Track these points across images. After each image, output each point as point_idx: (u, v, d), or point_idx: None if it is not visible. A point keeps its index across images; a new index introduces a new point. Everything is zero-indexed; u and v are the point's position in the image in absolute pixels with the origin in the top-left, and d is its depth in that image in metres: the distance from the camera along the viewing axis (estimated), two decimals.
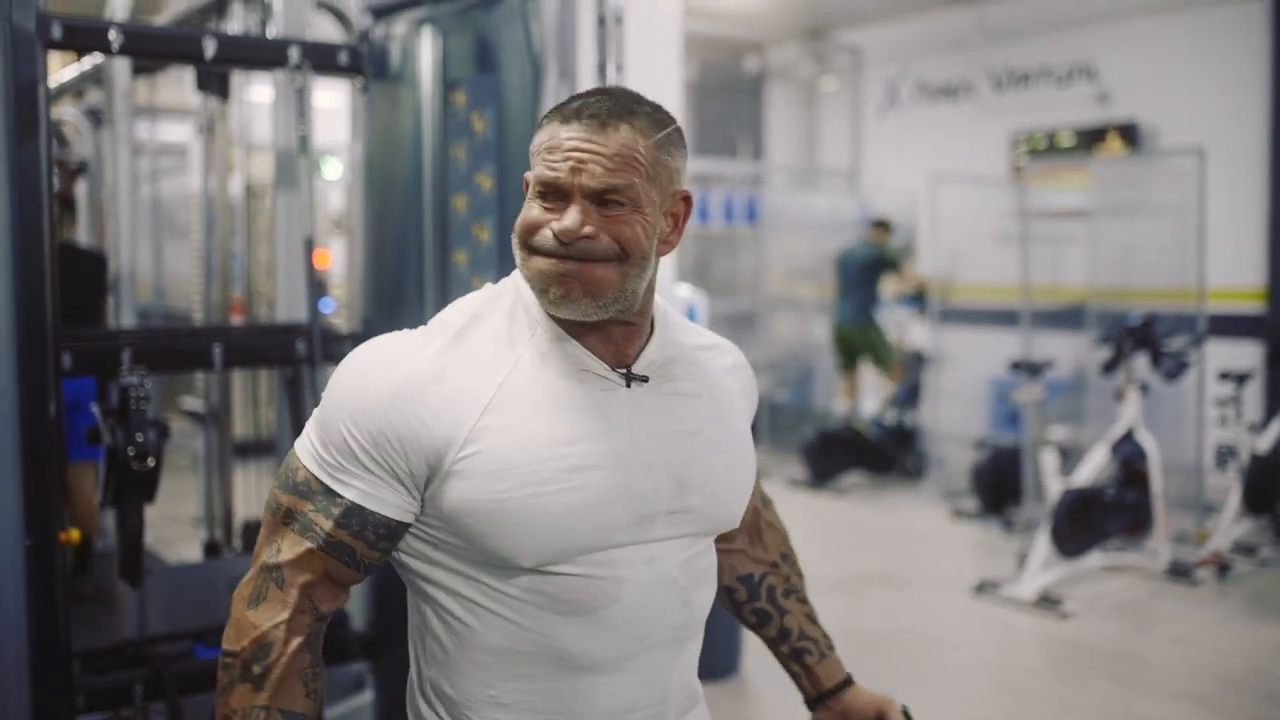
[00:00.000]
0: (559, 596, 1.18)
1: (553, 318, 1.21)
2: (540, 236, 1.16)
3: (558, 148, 1.16)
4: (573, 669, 1.20)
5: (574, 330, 1.21)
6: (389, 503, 1.18)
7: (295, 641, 1.19)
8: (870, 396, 7.94)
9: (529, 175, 1.20)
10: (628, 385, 1.22)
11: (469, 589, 1.20)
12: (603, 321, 1.20)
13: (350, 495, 1.17)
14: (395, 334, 1.24)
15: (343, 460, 1.17)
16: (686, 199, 1.23)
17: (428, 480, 1.17)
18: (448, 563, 1.20)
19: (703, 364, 1.31)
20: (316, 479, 1.19)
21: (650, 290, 1.23)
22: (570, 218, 1.14)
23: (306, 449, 1.21)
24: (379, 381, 1.17)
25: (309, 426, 1.22)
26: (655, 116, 1.20)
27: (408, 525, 1.20)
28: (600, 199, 1.15)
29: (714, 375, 1.31)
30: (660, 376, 1.25)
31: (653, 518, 1.21)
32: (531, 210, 1.18)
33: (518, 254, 1.20)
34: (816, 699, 1.48)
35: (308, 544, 1.18)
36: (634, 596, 1.20)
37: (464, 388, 1.17)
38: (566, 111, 1.18)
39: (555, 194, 1.16)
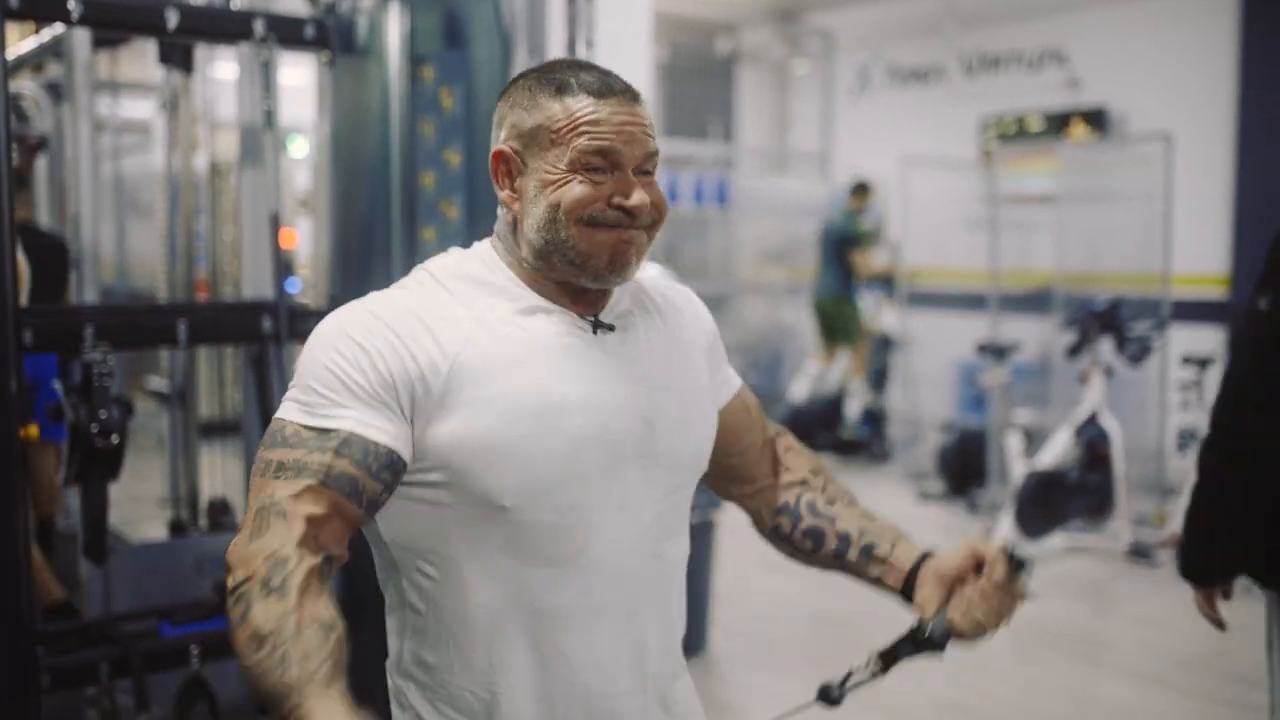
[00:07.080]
0: (532, 545, 1.20)
1: (527, 284, 1.25)
2: (596, 209, 1.20)
3: (603, 120, 1.20)
4: (548, 624, 1.22)
5: (550, 292, 1.25)
6: (385, 430, 1.16)
7: (309, 560, 1.09)
8: (836, 378, 7.93)
9: (553, 153, 1.21)
10: (594, 332, 1.25)
11: (445, 547, 1.21)
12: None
13: (345, 425, 1.14)
14: (368, 295, 1.25)
15: (331, 394, 1.16)
16: None
17: (417, 411, 1.17)
18: (427, 518, 1.20)
19: (661, 307, 1.35)
20: (306, 427, 1.15)
21: None
22: (639, 193, 1.21)
23: (289, 408, 1.18)
24: (364, 318, 1.19)
25: (288, 394, 1.21)
26: None
27: (405, 463, 1.17)
28: (639, 169, 1.22)
29: (670, 316, 1.36)
30: (625, 324, 1.29)
31: (623, 461, 1.23)
32: (579, 187, 1.20)
33: (564, 231, 1.20)
34: (906, 584, 1.42)
35: (305, 481, 1.12)
36: (604, 543, 1.23)
37: (447, 323, 1.20)
38: (590, 86, 1.21)
39: (602, 167, 1.20)
